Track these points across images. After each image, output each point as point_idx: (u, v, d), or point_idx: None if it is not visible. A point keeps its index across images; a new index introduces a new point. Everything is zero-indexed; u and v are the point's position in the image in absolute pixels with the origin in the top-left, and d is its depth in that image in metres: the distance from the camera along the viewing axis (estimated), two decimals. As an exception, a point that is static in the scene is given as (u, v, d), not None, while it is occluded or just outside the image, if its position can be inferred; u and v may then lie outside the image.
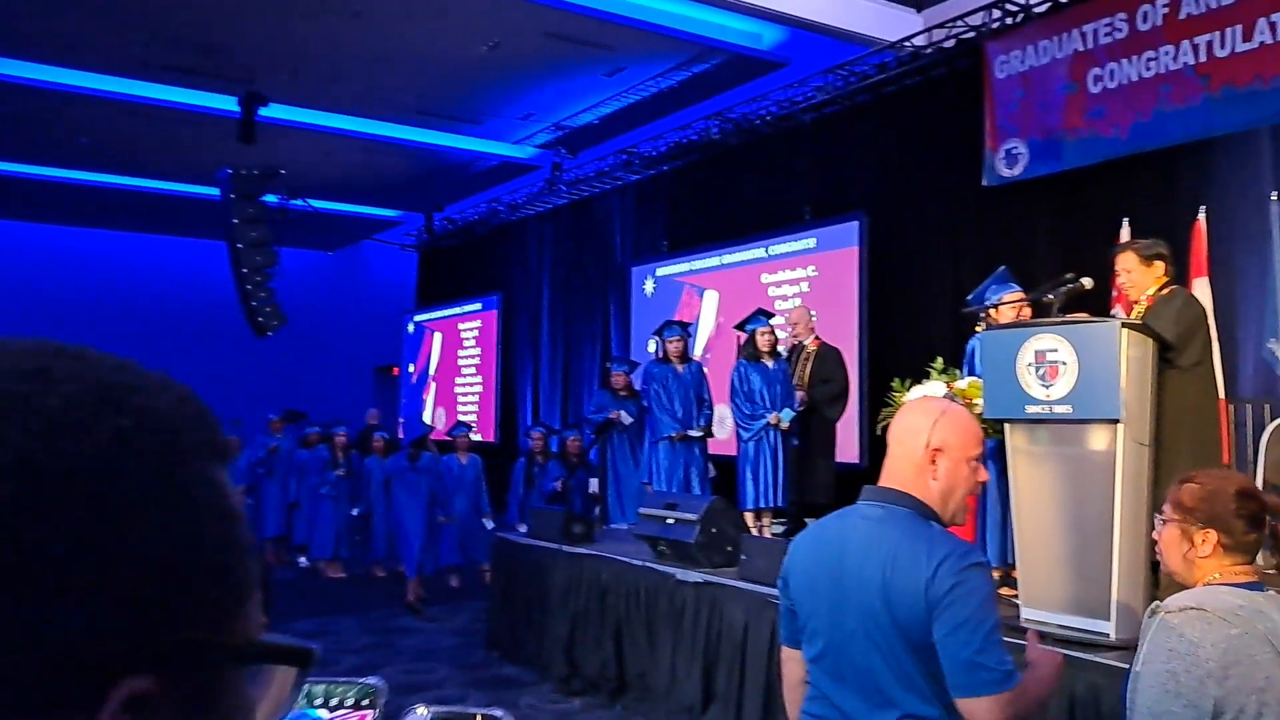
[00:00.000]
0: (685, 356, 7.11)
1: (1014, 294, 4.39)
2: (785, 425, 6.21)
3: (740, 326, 6.64)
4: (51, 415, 0.43)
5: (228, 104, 10.86)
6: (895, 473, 1.86)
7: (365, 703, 0.87)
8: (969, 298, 4.49)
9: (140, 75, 10.77)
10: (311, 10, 9.05)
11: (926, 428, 1.84)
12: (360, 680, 0.87)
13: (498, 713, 0.77)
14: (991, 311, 4.29)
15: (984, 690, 1.70)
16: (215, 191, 11.63)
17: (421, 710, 0.81)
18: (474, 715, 0.78)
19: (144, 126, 12.32)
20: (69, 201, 16.16)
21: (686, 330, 7.33)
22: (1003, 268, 4.74)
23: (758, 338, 6.40)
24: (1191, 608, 1.79)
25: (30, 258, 17.93)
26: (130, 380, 0.47)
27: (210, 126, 11.86)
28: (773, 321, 6.79)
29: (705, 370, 7.37)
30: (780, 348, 6.71)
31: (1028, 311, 4.11)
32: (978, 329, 4.30)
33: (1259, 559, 2.01)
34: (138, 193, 15.59)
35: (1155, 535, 2.03)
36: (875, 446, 7.88)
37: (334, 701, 0.86)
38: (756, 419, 6.20)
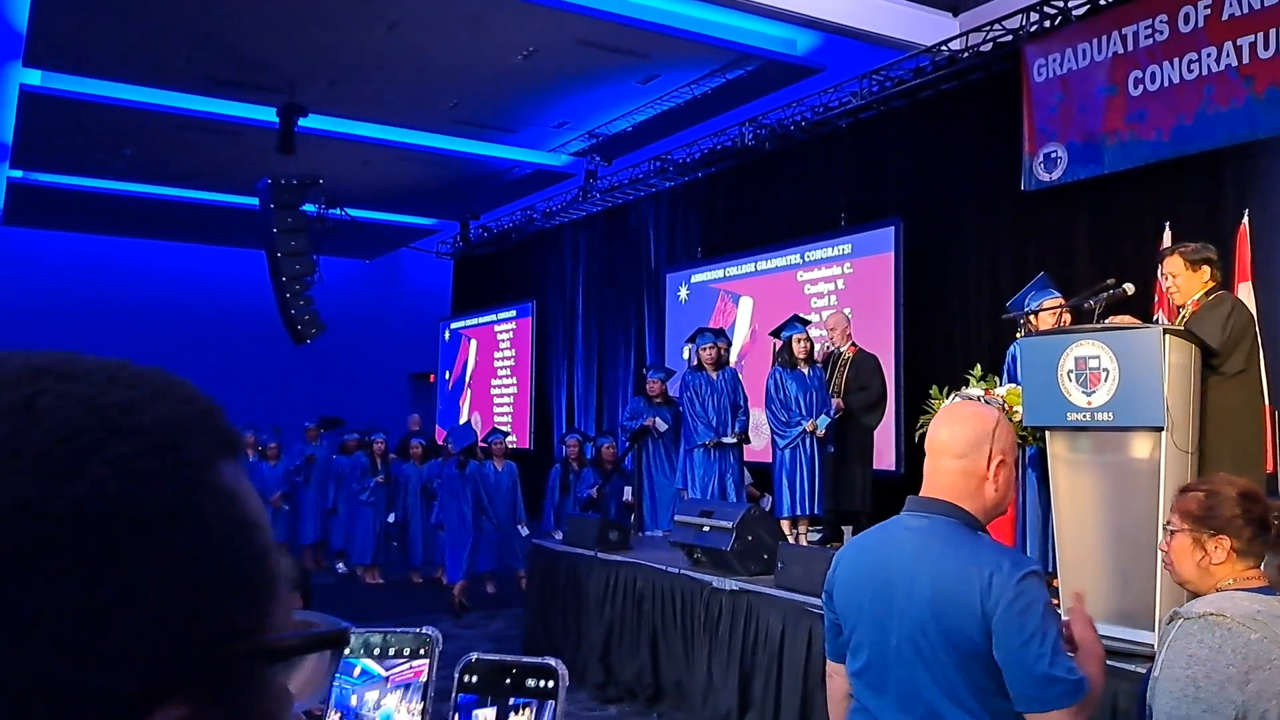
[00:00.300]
0: (720, 363, 7.11)
1: (1054, 299, 4.35)
2: (821, 432, 6.18)
3: (776, 333, 6.64)
4: (41, 454, 0.40)
5: (267, 115, 11.04)
6: (944, 483, 1.82)
7: (421, 651, 0.89)
8: (1009, 304, 4.46)
9: (182, 88, 10.98)
10: (348, 22, 9.17)
11: (988, 437, 1.80)
12: (415, 630, 0.90)
13: (551, 661, 0.79)
14: (1031, 318, 4.25)
15: (1061, 703, 1.67)
16: (255, 201, 11.79)
17: (474, 657, 0.84)
18: (526, 662, 0.80)
19: (186, 138, 12.56)
20: (114, 212, 16.50)
21: (722, 337, 7.33)
22: (1042, 274, 4.70)
23: (794, 344, 6.38)
24: (1211, 613, 1.79)
25: (76, 267, 18.32)
26: (123, 397, 0.44)
27: (250, 137, 12.07)
28: (809, 328, 6.78)
29: (740, 376, 7.36)
30: (816, 354, 6.69)
31: (1068, 317, 4.07)
32: (1018, 335, 4.26)
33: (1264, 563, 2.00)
34: (180, 203, 15.89)
35: (1163, 546, 2.04)
36: (912, 454, 7.83)
37: (391, 651, 0.89)
38: (793, 426, 6.18)
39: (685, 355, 7.66)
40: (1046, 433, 3.45)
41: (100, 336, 18.27)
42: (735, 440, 6.88)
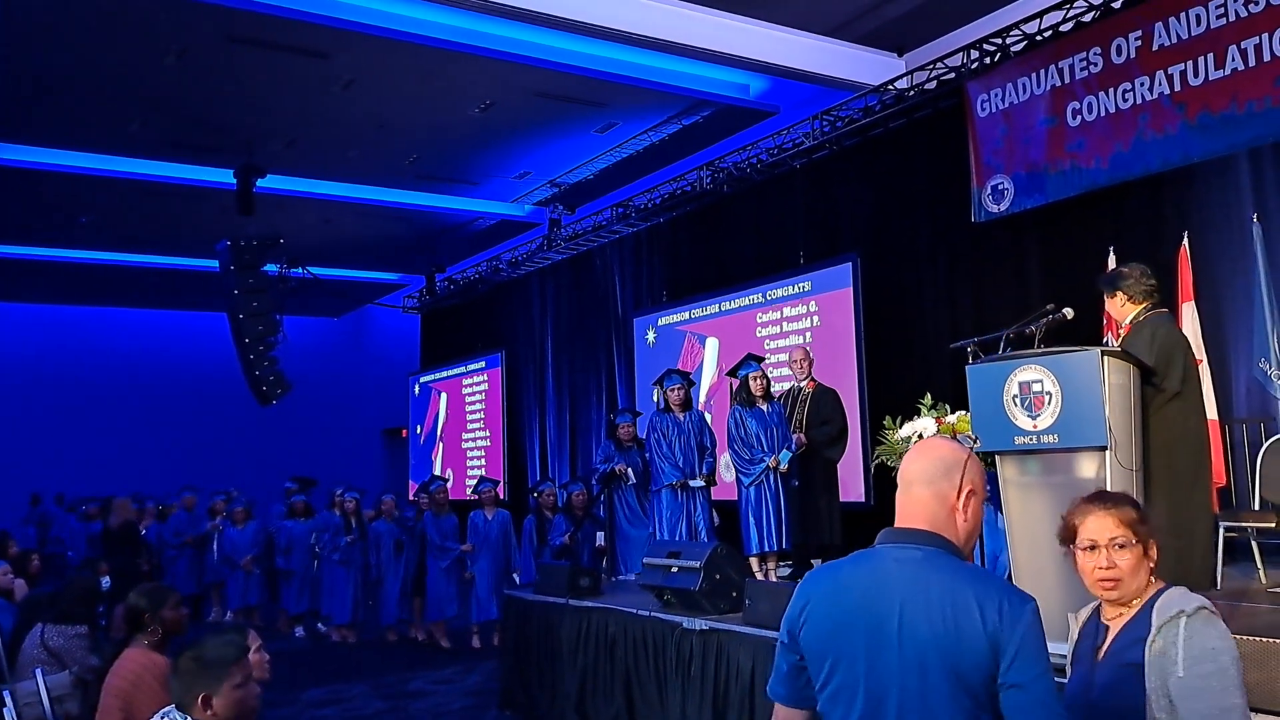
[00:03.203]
0: (687, 405, 7.13)
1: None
2: (784, 468, 6.21)
3: (732, 373, 6.68)
4: None
5: (225, 177, 11.07)
6: (922, 514, 1.80)
7: None
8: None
9: (137, 153, 11.00)
10: (304, 82, 9.26)
11: (959, 466, 1.81)
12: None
13: None
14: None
15: None
16: (215, 264, 11.79)
17: None
18: None
19: (143, 203, 12.55)
20: (72, 281, 16.39)
21: (688, 379, 7.36)
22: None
23: (750, 382, 6.43)
24: (1202, 607, 1.92)
25: (37, 339, 18.15)
26: None
27: (209, 200, 12.09)
28: (771, 364, 6.83)
29: (708, 418, 7.38)
30: (774, 391, 6.74)
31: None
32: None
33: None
34: (140, 268, 15.81)
35: (1106, 564, 2.03)
36: (880, 485, 7.87)
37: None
38: (756, 463, 6.20)
39: (655, 398, 7.67)
40: (996, 457, 3.50)
41: (64, 407, 18.05)
42: (703, 483, 6.89)
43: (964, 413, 3.78)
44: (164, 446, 18.11)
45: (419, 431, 16.48)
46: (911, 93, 8.33)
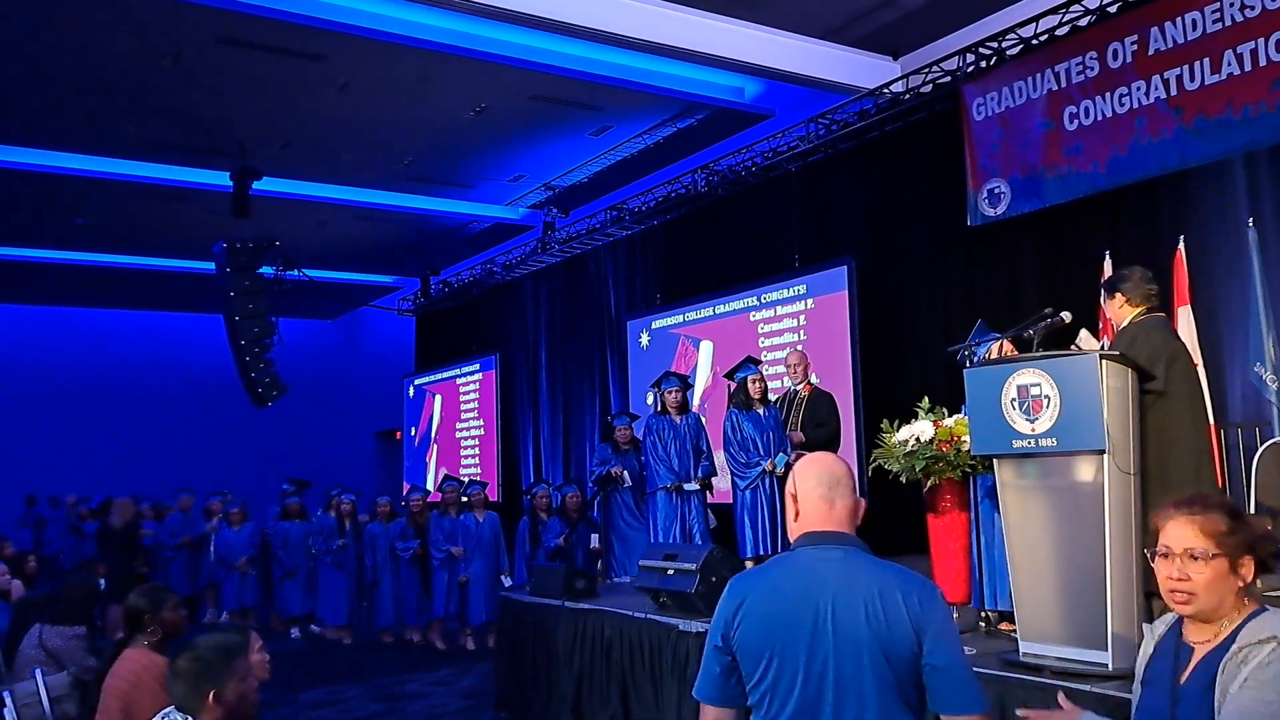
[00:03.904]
0: (684, 408, 7.13)
1: (992, 348, 4.45)
2: (780, 471, 6.22)
3: (730, 375, 6.69)
4: None
5: (221, 179, 11.05)
6: (835, 518, 1.97)
7: None
8: (959, 355, 4.54)
9: (133, 155, 10.98)
10: (299, 84, 9.25)
11: (853, 479, 2.04)
12: None
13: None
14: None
15: (981, 707, 1.85)
16: (211, 266, 11.76)
17: None
18: None
19: (139, 205, 12.52)
20: (68, 282, 16.35)
21: (685, 382, 7.37)
22: (980, 321, 4.80)
23: (749, 385, 6.43)
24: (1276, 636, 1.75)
25: (32, 340, 18.09)
26: None
27: (204, 202, 12.06)
28: (764, 368, 6.83)
29: (704, 421, 7.39)
30: (771, 394, 6.75)
31: (1009, 347, 4.16)
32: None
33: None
34: (135, 270, 15.78)
35: (1178, 575, 1.85)
36: (875, 488, 7.88)
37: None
38: (752, 467, 6.21)
39: (650, 400, 7.69)
40: (995, 461, 3.51)
41: (60, 409, 17.99)
42: (698, 486, 6.89)
43: (961, 415, 3.79)
44: (159, 448, 18.06)
45: (413, 433, 16.46)
46: (907, 96, 8.36)
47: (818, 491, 1.99)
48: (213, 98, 9.49)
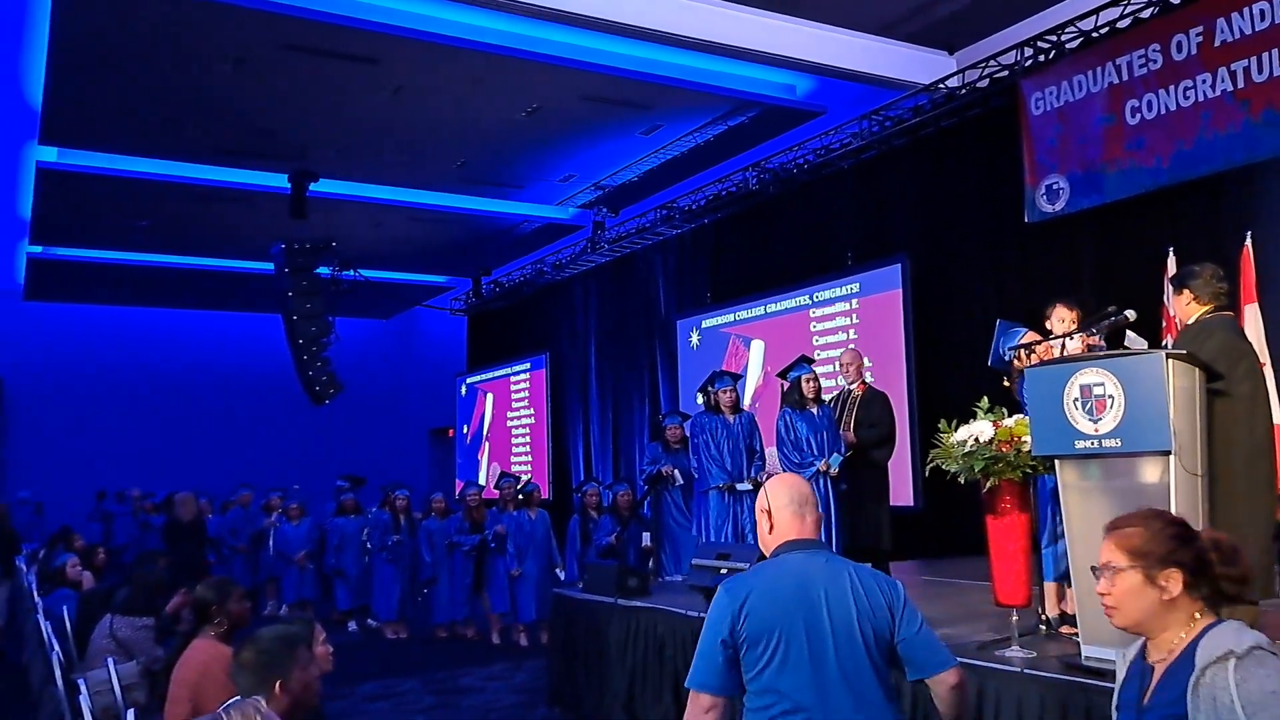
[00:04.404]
0: (737, 407, 7.09)
1: (1025, 336, 4.39)
2: (835, 471, 6.17)
3: (783, 374, 6.63)
4: None
5: (279, 181, 11.27)
6: (807, 529, 2.40)
7: None
8: (989, 362, 4.50)
9: (195, 158, 11.25)
10: (355, 88, 9.40)
11: (815, 497, 2.48)
12: None
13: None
14: (1015, 363, 4.30)
15: (951, 663, 2.31)
16: (270, 266, 12.00)
17: None
18: None
19: (200, 207, 12.82)
20: (132, 283, 16.78)
21: (739, 381, 7.34)
22: (999, 321, 4.75)
23: (802, 385, 6.36)
24: (1256, 647, 1.75)
25: (97, 339, 18.60)
26: None
27: (263, 204, 12.31)
28: (819, 367, 6.79)
29: (756, 421, 7.33)
30: (824, 394, 6.69)
31: (1079, 341, 4.08)
32: (1005, 384, 4.32)
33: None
34: (197, 271, 16.15)
35: (1102, 589, 1.92)
36: (930, 490, 7.81)
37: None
38: (805, 467, 6.17)
39: (699, 400, 7.66)
40: (1056, 462, 3.46)
41: (126, 407, 18.49)
42: (750, 486, 6.85)
43: (1021, 416, 3.74)
44: (221, 444, 18.47)
45: (465, 431, 16.64)
46: (963, 91, 8.26)
47: (790, 509, 2.40)
48: (271, 102, 9.69)
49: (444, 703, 7.06)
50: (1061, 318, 4.28)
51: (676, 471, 7.72)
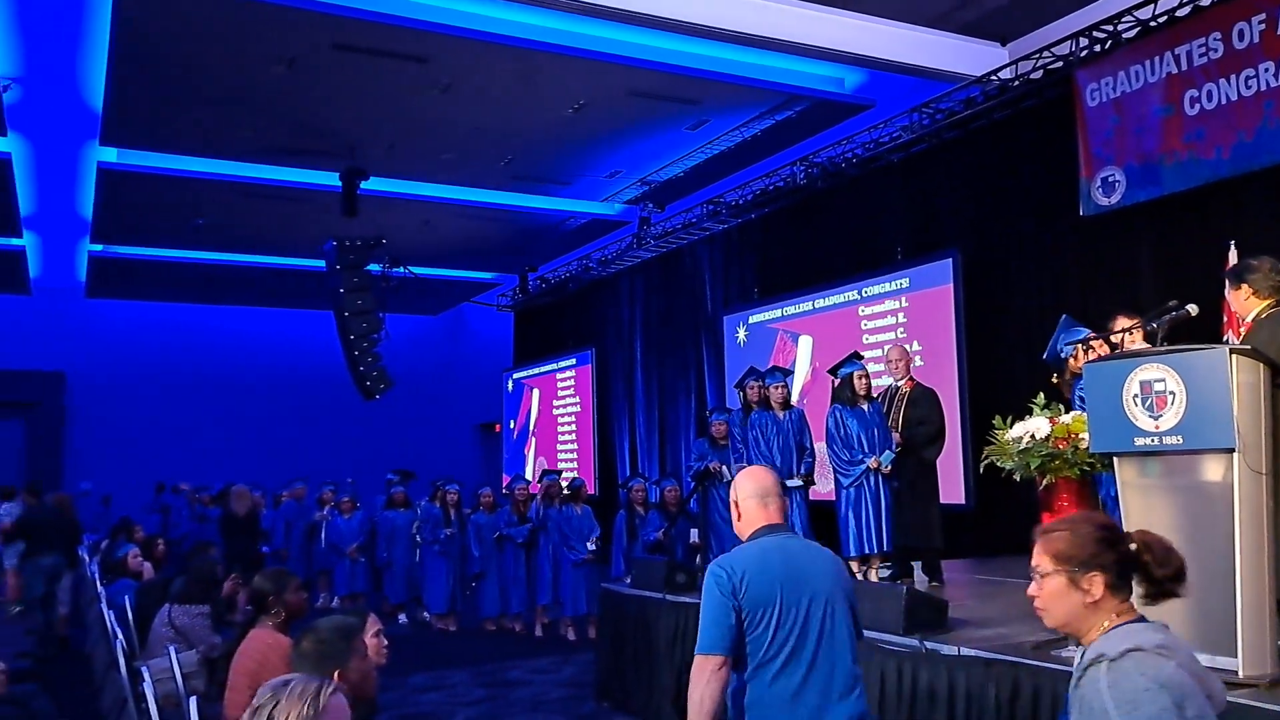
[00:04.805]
0: (787, 403, 7.04)
1: (1085, 336, 4.31)
2: (887, 469, 6.11)
3: (834, 371, 6.53)
4: None
5: (330, 180, 11.42)
6: (773, 515, 2.75)
7: None
8: (1044, 356, 4.43)
9: (249, 157, 11.44)
10: (404, 86, 9.49)
11: (780, 486, 2.83)
12: None
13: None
14: (1071, 361, 4.22)
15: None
16: (322, 263, 12.17)
17: None
18: None
19: (254, 205, 13.04)
20: (189, 280, 17.13)
21: (790, 376, 7.26)
22: (1064, 316, 4.66)
23: (853, 381, 6.27)
24: (1131, 649, 1.78)
25: (155, 334, 19.03)
26: None
27: (315, 202, 12.49)
28: (868, 364, 6.71)
29: (806, 417, 7.26)
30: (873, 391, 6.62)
31: (1137, 336, 4.01)
32: (1055, 381, 4.25)
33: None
34: (251, 268, 16.44)
35: (1032, 592, 1.98)
36: (981, 487, 7.71)
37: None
38: (856, 464, 6.11)
39: (742, 396, 7.53)
40: (1115, 459, 3.40)
41: (181, 400, 18.89)
42: (801, 482, 6.81)
43: (1079, 412, 3.68)
44: (274, 438, 18.80)
45: (512, 426, 16.76)
46: (1016, 83, 8.13)
47: (754, 499, 2.76)
48: (323, 101, 9.82)
49: (493, 695, 7.13)
50: (1124, 327, 4.20)
51: (724, 468, 7.71)
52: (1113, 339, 4.22)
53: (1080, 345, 4.12)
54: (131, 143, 10.96)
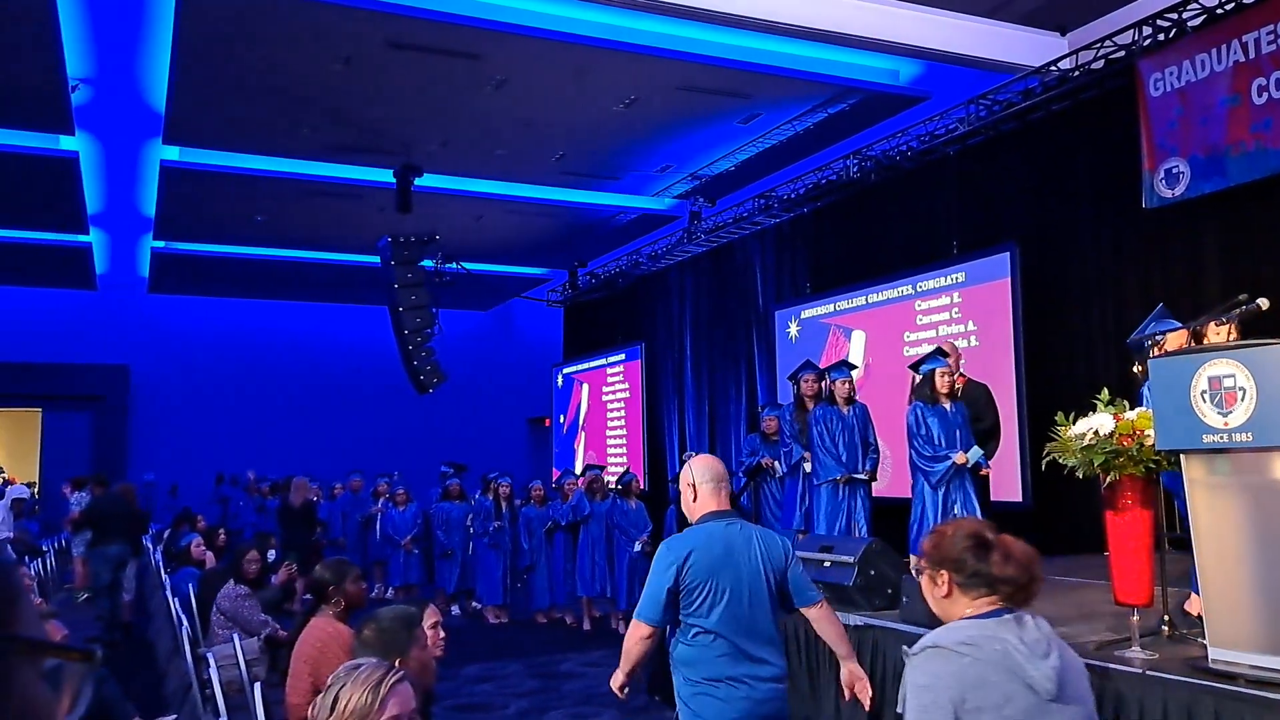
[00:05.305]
0: (851, 398, 6.94)
1: (1174, 328, 4.19)
2: (985, 468, 5.80)
3: (915, 367, 6.27)
4: None
5: (385, 177, 11.58)
6: (722, 501, 3.16)
7: None
8: (1129, 340, 4.31)
9: (306, 155, 11.63)
10: (458, 83, 9.58)
11: (727, 473, 3.28)
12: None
13: None
14: (1155, 351, 4.11)
15: (817, 599, 3.19)
16: (377, 259, 12.34)
17: None
18: None
19: (311, 202, 13.26)
20: (248, 275, 17.48)
21: (854, 371, 7.14)
22: (1160, 305, 4.52)
23: (936, 378, 5.95)
24: (929, 646, 1.97)
25: (215, 329, 19.45)
26: None
27: (370, 198, 12.67)
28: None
29: (870, 413, 7.14)
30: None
31: (1222, 331, 3.89)
32: (1136, 370, 4.14)
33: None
34: (308, 264, 16.73)
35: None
36: (1039, 484, 7.57)
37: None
38: (938, 460, 5.81)
39: (803, 389, 7.46)
40: (1182, 457, 3.32)
41: (240, 393, 19.30)
42: (866, 476, 6.72)
43: (1144, 408, 3.60)
44: (330, 430, 19.13)
45: (562, 421, 16.85)
46: (1076, 73, 7.97)
47: (709, 485, 3.16)
48: (378, 99, 9.95)
49: (545, 687, 7.19)
50: (1216, 333, 4.05)
51: (776, 463, 7.68)
52: (1199, 333, 4.09)
53: (1154, 338, 4.01)
54: (193, 141, 11.20)
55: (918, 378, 6.16)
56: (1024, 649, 1.91)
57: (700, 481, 3.15)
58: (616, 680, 3.24)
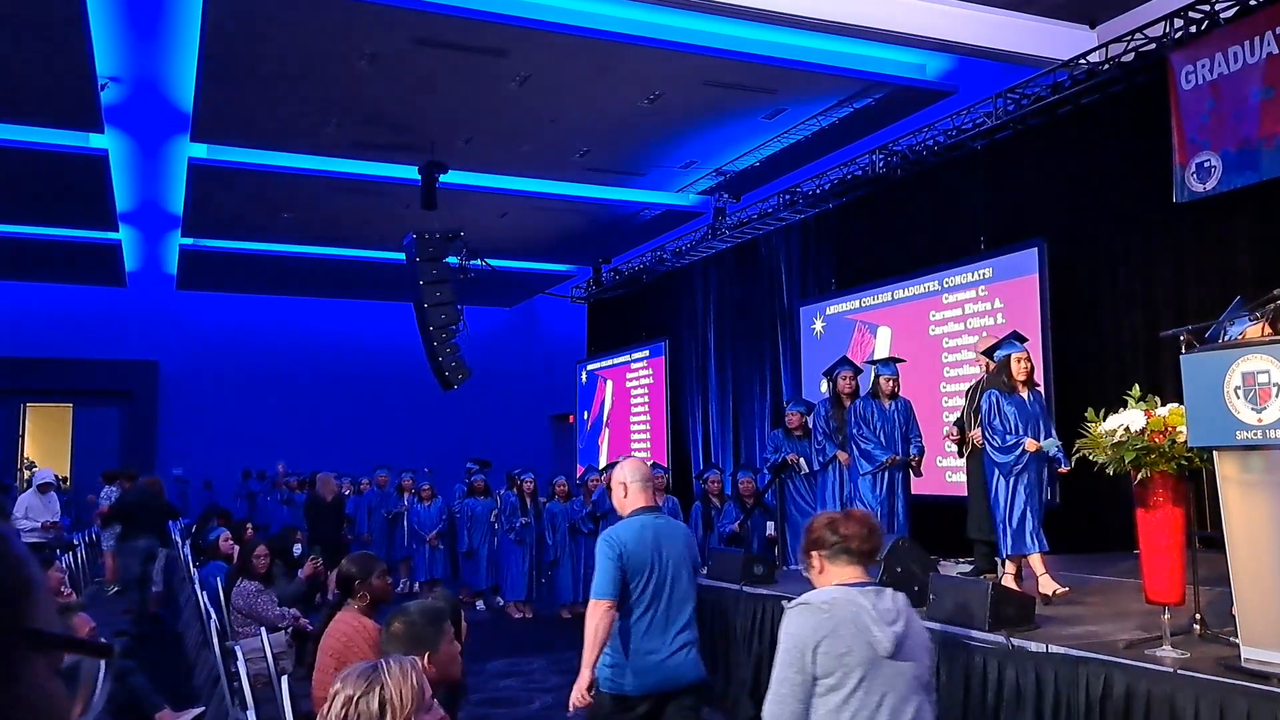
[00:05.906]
0: (894, 393, 6.87)
1: (1251, 328, 4.04)
2: (1065, 469, 5.43)
3: (989, 353, 5.94)
4: None
5: (410, 173, 11.63)
6: (650, 497, 3.62)
7: None
8: (1207, 335, 4.15)
9: (332, 152, 11.71)
10: (483, 80, 9.60)
11: (651, 473, 3.74)
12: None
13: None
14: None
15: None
16: (402, 256, 12.40)
17: None
18: None
19: (337, 199, 13.35)
20: (275, 272, 17.63)
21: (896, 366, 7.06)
22: (1239, 298, 4.31)
23: (1011, 364, 5.55)
24: (801, 603, 2.44)
25: (242, 325, 19.64)
26: None
27: (395, 195, 12.73)
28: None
29: (912, 407, 7.05)
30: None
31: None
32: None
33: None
34: (334, 260, 16.85)
35: None
36: (1068, 482, 7.48)
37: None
38: (1010, 450, 5.46)
39: (823, 388, 7.47)
40: (1215, 453, 3.27)
41: (267, 389, 19.47)
42: (912, 459, 6.65)
43: (1176, 405, 3.55)
44: (355, 426, 19.27)
45: (585, 417, 16.86)
46: (1105, 66, 7.87)
47: (638, 484, 3.60)
48: (403, 96, 9.99)
49: (569, 683, 7.16)
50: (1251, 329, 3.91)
51: (802, 459, 7.64)
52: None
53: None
54: (220, 139, 11.30)
55: (992, 365, 5.83)
56: (874, 613, 2.38)
57: (630, 480, 3.60)
58: (581, 683, 3.42)
